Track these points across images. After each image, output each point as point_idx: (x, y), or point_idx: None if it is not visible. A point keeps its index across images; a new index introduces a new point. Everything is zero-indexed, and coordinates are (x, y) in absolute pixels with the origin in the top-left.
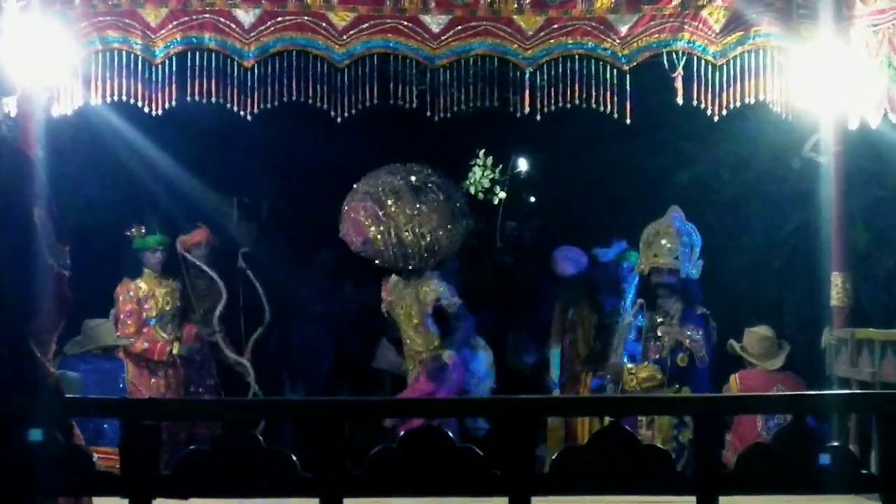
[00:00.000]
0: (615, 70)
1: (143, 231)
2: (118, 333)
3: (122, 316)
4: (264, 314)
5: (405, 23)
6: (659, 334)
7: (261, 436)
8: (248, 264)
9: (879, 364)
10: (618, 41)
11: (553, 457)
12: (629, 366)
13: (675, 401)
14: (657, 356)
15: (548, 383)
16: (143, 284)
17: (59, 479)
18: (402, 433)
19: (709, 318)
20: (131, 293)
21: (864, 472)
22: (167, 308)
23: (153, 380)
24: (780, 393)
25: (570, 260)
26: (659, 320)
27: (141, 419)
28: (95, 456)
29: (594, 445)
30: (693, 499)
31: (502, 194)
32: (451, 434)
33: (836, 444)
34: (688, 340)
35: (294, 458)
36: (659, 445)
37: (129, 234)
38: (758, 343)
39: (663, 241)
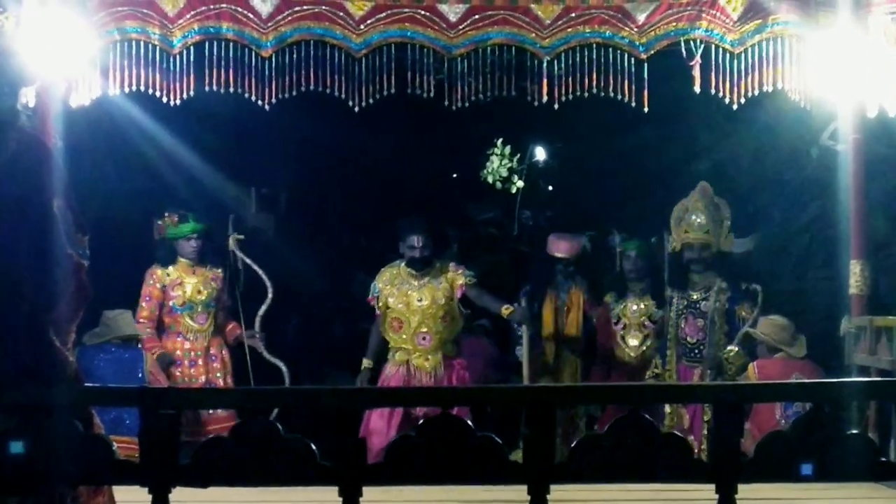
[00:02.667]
0: (633, 58)
1: (176, 219)
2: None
3: (141, 299)
4: (266, 291)
5: (422, 12)
6: (703, 310)
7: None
8: (239, 247)
9: None
10: (635, 30)
11: (572, 445)
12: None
13: (693, 388)
14: (700, 334)
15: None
16: (172, 272)
17: (79, 468)
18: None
19: (759, 294)
20: (155, 278)
21: (883, 459)
22: (199, 297)
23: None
24: (799, 380)
25: (564, 241)
26: (695, 297)
27: (160, 408)
28: (115, 445)
29: (613, 433)
30: (712, 487)
31: (520, 183)
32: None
33: (855, 431)
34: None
35: (313, 446)
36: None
37: (161, 222)
38: (779, 331)
39: (693, 217)
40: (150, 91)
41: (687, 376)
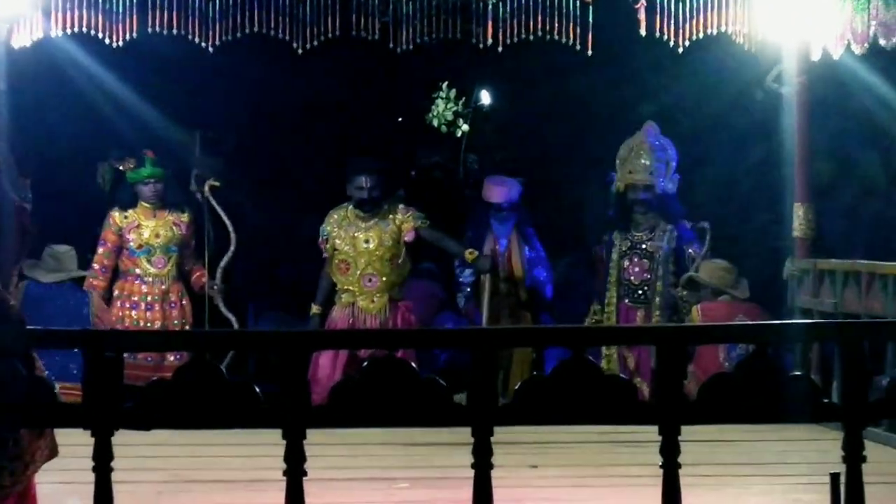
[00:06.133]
0: (578, 1)
1: (133, 164)
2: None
3: (98, 243)
4: (230, 241)
5: None
6: (649, 251)
7: (225, 369)
8: (212, 194)
9: (841, 294)
10: None
11: (516, 387)
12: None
13: (637, 331)
14: (646, 274)
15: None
16: (130, 214)
17: (21, 411)
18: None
19: (707, 232)
20: (111, 222)
21: (825, 400)
22: (156, 241)
23: (121, 313)
24: (743, 322)
25: (497, 186)
26: (640, 237)
27: (103, 350)
28: (58, 387)
29: (557, 375)
30: (655, 429)
31: (465, 127)
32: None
33: (798, 373)
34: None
35: (257, 389)
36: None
37: (121, 167)
38: (722, 274)
39: (638, 158)
40: (93, 32)
41: (630, 317)
